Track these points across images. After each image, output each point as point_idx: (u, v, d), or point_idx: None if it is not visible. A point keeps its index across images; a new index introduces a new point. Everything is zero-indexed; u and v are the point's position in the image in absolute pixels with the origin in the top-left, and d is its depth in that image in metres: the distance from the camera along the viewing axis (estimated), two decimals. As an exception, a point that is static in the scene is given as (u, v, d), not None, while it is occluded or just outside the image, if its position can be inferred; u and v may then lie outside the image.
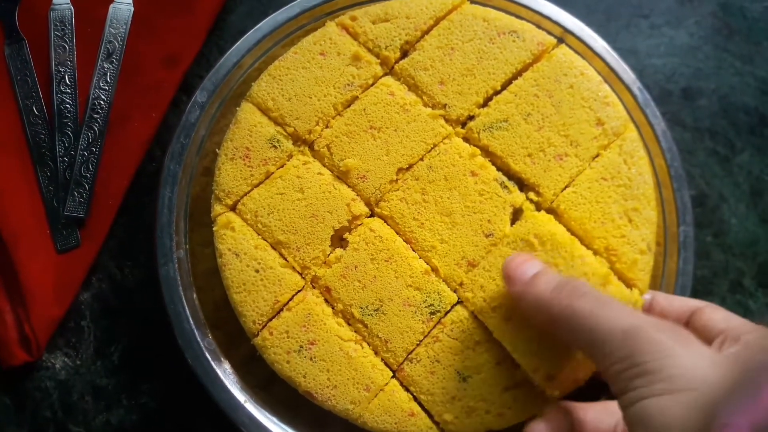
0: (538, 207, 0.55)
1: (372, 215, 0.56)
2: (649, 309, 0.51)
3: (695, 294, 0.59)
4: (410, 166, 0.56)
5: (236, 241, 0.55)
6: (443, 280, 0.54)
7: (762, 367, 0.36)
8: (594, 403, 0.49)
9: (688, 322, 0.47)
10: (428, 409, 0.52)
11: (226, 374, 0.56)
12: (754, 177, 0.66)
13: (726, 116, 0.67)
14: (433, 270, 0.54)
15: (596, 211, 0.54)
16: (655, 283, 0.57)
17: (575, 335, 0.43)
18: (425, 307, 0.53)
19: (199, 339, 0.56)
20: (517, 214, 0.55)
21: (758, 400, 0.33)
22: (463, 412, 0.51)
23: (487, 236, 0.54)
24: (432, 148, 0.56)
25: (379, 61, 0.58)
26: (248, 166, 0.56)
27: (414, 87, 0.58)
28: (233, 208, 0.56)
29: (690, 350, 0.38)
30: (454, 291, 0.54)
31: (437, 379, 0.52)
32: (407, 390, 0.53)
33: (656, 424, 0.36)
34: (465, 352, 0.52)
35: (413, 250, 0.54)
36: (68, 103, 0.65)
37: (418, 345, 0.53)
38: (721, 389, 0.35)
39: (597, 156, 0.56)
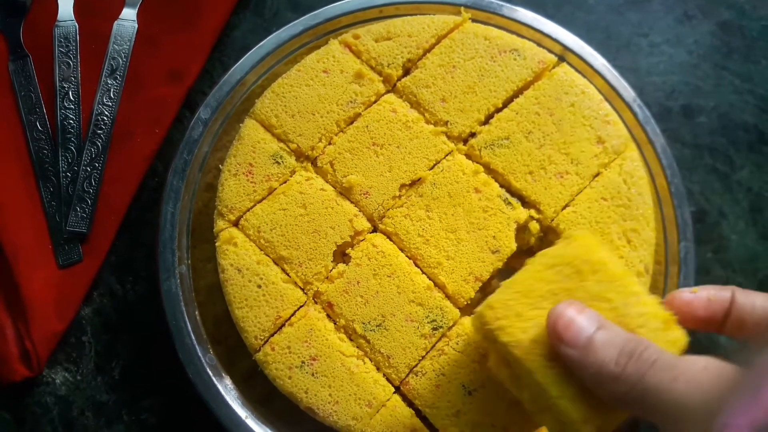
0: (540, 224, 0.55)
1: (375, 231, 0.56)
2: (729, 309, 0.44)
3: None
4: (413, 183, 0.56)
5: (238, 257, 0.55)
6: (450, 297, 0.54)
7: (762, 367, 0.36)
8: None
9: None
10: (433, 423, 0.52)
11: (227, 390, 0.55)
12: (753, 194, 0.66)
13: (725, 133, 0.68)
14: (439, 287, 0.54)
15: (595, 231, 0.55)
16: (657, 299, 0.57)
17: (651, 415, 0.38)
18: (428, 322, 0.53)
19: (200, 354, 0.56)
20: (521, 230, 0.55)
21: (758, 400, 0.33)
22: (468, 427, 0.51)
23: (493, 252, 0.54)
24: (434, 165, 0.56)
25: (381, 78, 0.59)
26: (251, 182, 0.57)
27: (416, 104, 0.58)
28: (236, 224, 0.56)
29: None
30: (456, 306, 0.54)
31: (442, 392, 0.52)
32: (410, 405, 0.53)
33: None
34: (471, 365, 0.52)
35: (418, 267, 0.55)
36: (72, 119, 0.65)
37: (421, 360, 0.53)
38: None
39: (598, 174, 0.56)
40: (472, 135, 0.58)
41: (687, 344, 0.43)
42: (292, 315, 0.54)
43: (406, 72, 0.60)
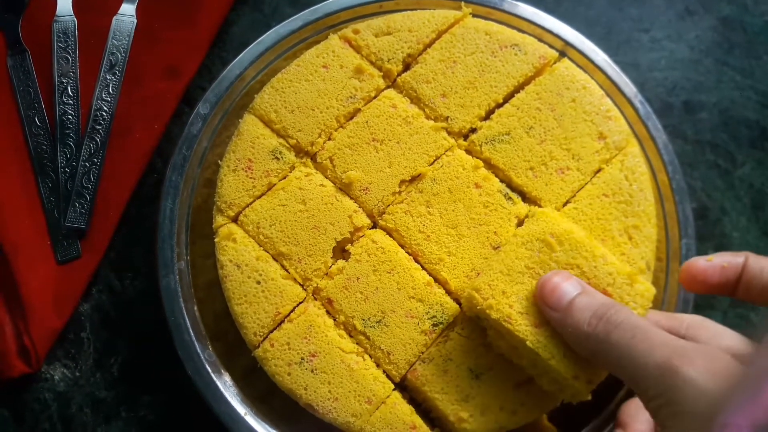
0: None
1: (374, 227, 0.56)
2: (741, 273, 0.47)
3: (697, 307, 0.59)
4: (413, 179, 0.56)
5: (238, 253, 0.55)
6: (452, 293, 0.54)
7: (762, 367, 0.36)
8: None
9: None
10: (442, 409, 0.51)
11: (226, 386, 0.55)
12: (755, 190, 0.66)
13: (727, 129, 0.68)
14: (441, 283, 0.54)
15: (597, 228, 0.54)
16: (658, 296, 0.57)
17: (614, 369, 0.42)
18: (428, 318, 0.53)
19: (199, 351, 0.55)
20: (521, 226, 0.55)
21: (758, 400, 0.33)
22: (478, 410, 0.51)
23: (494, 248, 0.54)
24: (434, 161, 0.56)
25: (381, 73, 0.58)
26: (250, 178, 0.56)
27: (416, 100, 0.58)
28: (235, 220, 0.56)
29: (719, 382, 0.37)
30: (460, 300, 0.53)
31: (451, 377, 0.52)
32: (410, 402, 0.53)
33: None
34: (477, 349, 0.52)
35: (419, 263, 0.54)
36: (70, 114, 0.65)
37: (419, 356, 0.52)
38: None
39: (599, 170, 0.56)
40: (473, 130, 0.57)
41: (653, 295, 0.49)
42: (292, 311, 0.54)
43: (407, 67, 0.59)
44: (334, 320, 0.54)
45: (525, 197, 0.56)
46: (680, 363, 0.38)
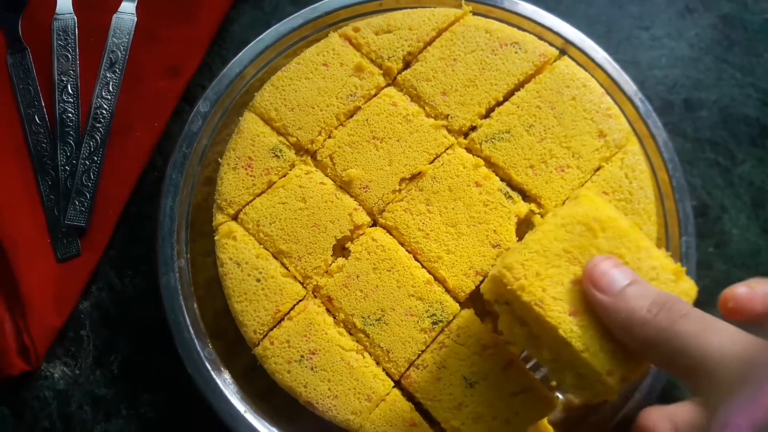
0: (541, 218, 0.55)
1: (374, 225, 0.56)
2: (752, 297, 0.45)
3: (697, 305, 0.58)
4: (413, 176, 0.56)
5: (238, 251, 0.55)
6: (450, 291, 0.54)
7: (763, 367, 0.36)
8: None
9: None
10: (435, 416, 0.52)
11: (226, 384, 0.55)
12: (755, 188, 0.66)
13: (727, 127, 0.68)
14: (440, 281, 0.54)
15: None
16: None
17: (676, 359, 0.39)
18: (427, 317, 0.53)
19: (199, 349, 0.55)
20: (522, 224, 0.55)
21: (759, 400, 0.33)
22: (470, 419, 0.51)
23: (494, 246, 0.54)
24: (434, 159, 0.56)
25: (381, 71, 0.58)
26: (250, 176, 0.56)
27: (416, 98, 0.58)
28: (235, 218, 0.56)
29: None
30: (456, 299, 0.53)
31: (444, 385, 0.52)
32: (409, 400, 0.53)
33: None
34: (472, 357, 0.52)
35: (419, 261, 0.54)
36: (70, 112, 0.65)
37: (420, 354, 0.52)
38: None
39: (599, 168, 0.56)
40: (473, 128, 0.57)
41: (697, 293, 0.46)
42: (292, 309, 0.54)
43: (407, 65, 0.59)
44: (334, 318, 0.54)
45: (525, 195, 0.56)
46: (764, 354, 0.35)
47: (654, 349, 0.40)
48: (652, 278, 0.45)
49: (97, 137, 0.64)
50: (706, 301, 0.63)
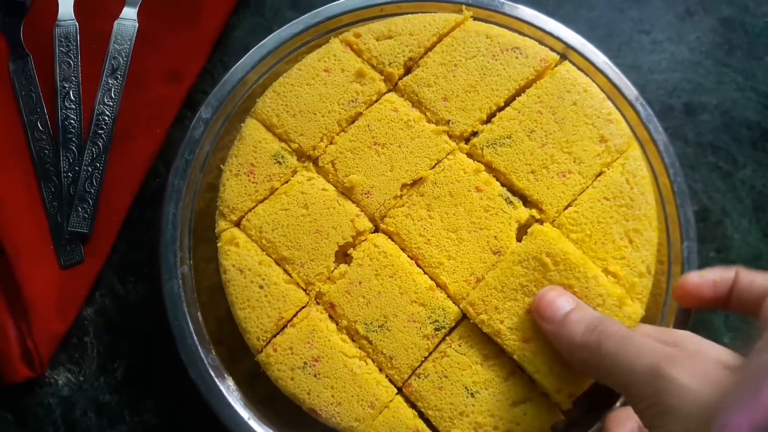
0: (542, 224, 0.55)
1: (376, 231, 0.56)
2: (732, 287, 0.49)
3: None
4: (414, 182, 0.56)
5: (240, 257, 0.55)
6: (451, 297, 0.54)
7: (762, 367, 0.36)
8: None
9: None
10: (436, 425, 0.52)
11: (229, 391, 0.55)
12: (756, 192, 0.66)
13: (728, 131, 0.68)
14: (441, 286, 0.54)
15: (597, 231, 0.54)
16: (660, 298, 0.57)
17: (605, 377, 0.45)
18: (430, 323, 0.53)
19: (202, 355, 0.56)
20: (522, 230, 0.55)
21: (758, 400, 0.34)
22: (471, 428, 0.51)
23: (494, 253, 0.54)
24: (436, 164, 0.56)
25: (383, 77, 0.59)
26: (253, 182, 0.56)
27: (418, 103, 0.58)
28: (237, 224, 0.56)
29: (704, 383, 0.38)
30: (460, 308, 0.54)
31: (445, 394, 0.52)
32: (412, 407, 0.53)
33: None
34: (473, 367, 0.52)
35: (420, 267, 0.54)
36: (73, 119, 0.65)
37: (423, 361, 0.53)
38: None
39: (600, 173, 0.56)
40: (474, 134, 0.57)
41: (641, 316, 0.52)
42: (294, 316, 0.54)
43: (408, 71, 0.59)
44: (337, 325, 0.54)
45: (526, 201, 0.56)
46: (667, 366, 0.40)
47: (590, 368, 0.46)
48: (598, 305, 0.51)
49: (100, 144, 0.65)
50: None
